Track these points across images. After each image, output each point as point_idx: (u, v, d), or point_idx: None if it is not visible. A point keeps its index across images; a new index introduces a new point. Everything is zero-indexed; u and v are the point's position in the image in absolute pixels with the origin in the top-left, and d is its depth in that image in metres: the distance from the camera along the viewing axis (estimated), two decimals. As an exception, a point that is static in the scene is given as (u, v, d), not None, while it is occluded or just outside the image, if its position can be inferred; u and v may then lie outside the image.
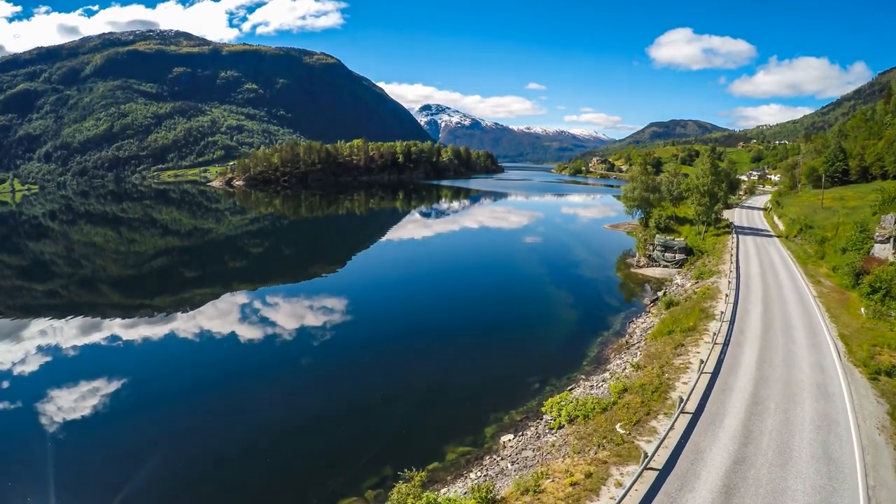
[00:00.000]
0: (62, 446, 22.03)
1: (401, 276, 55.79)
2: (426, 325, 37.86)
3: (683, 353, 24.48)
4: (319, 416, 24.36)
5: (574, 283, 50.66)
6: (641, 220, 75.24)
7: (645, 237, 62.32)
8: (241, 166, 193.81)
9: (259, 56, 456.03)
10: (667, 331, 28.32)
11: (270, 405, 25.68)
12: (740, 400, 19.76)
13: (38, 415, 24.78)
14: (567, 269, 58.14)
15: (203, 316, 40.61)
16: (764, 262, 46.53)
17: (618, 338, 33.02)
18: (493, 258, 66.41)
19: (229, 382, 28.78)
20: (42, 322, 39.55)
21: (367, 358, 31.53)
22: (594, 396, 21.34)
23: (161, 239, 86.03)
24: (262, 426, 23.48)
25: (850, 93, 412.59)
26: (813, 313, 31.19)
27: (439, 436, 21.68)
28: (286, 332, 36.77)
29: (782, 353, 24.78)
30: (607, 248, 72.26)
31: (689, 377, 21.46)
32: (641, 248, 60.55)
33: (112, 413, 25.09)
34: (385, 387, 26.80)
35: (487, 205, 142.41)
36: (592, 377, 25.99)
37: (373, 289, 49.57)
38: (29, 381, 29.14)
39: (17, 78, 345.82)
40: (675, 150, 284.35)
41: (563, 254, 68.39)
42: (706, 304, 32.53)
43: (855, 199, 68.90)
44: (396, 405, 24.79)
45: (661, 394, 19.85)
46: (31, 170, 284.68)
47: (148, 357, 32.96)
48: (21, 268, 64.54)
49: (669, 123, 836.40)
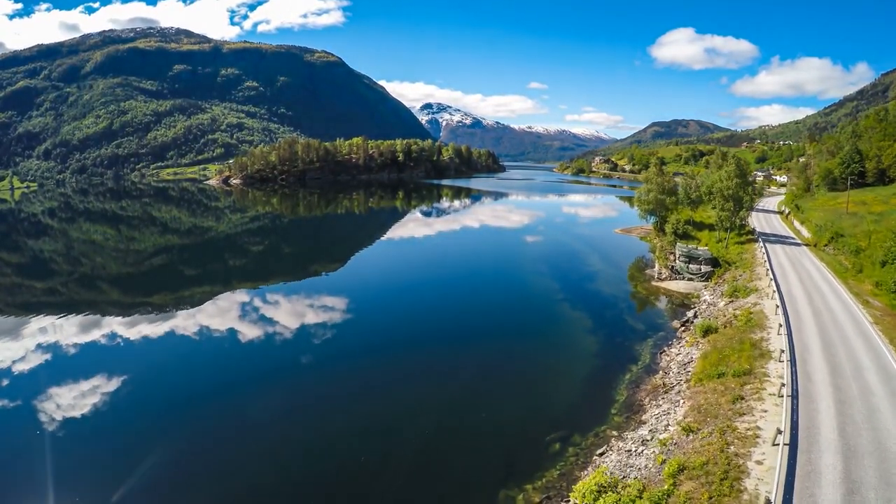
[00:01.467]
0: (61, 443, 22.01)
1: (395, 286, 51.23)
2: (419, 357, 32.32)
3: (745, 409, 19.57)
4: (317, 415, 24.70)
5: (589, 300, 45.36)
6: (656, 224, 70.59)
7: (663, 245, 57.17)
8: (238, 164, 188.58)
9: (260, 54, 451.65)
10: (715, 373, 23.44)
11: (268, 405, 25.49)
12: (832, 488, 14.93)
13: (37, 412, 24.66)
14: (580, 281, 52.67)
15: (203, 314, 40.58)
16: (804, 279, 41.51)
17: (649, 375, 28.03)
18: (496, 267, 60.88)
19: (228, 381, 28.77)
20: (41, 319, 39.33)
21: (354, 381, 28.94)
22: (637, 479, 16.43)
23: (160, 237, 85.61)
24: (260, 425, 23.41)
25: (854, 93, 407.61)
26: (878, 347, 26.44)
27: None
28: (284, 332, 36.65)
29: (863, 409, 19.97)
30: (621, 255, 66.80)
31: (762, 452, 16.58)
32: (661, 259, 55.20)
33: (111, 411, 25.02)
34: (367, 444, 21.93)
35: (489, 204, 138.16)
36: (626, 434, 21.15)
37: (363, 301, 45.75)
38: (28, 378, 28.97)
39: (18, 75, 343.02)
40: (679, 149, 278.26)
41: (573, 262, 62.84)
42: (755, 336, 27.59)
43: (878, 204, 64.55)
44: (382, 472, 20.11)
45: (731, 483, 15.00)
46: (30, 167, 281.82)
47: (147, 355, 32.85)
48: (20, 265, 63.94)
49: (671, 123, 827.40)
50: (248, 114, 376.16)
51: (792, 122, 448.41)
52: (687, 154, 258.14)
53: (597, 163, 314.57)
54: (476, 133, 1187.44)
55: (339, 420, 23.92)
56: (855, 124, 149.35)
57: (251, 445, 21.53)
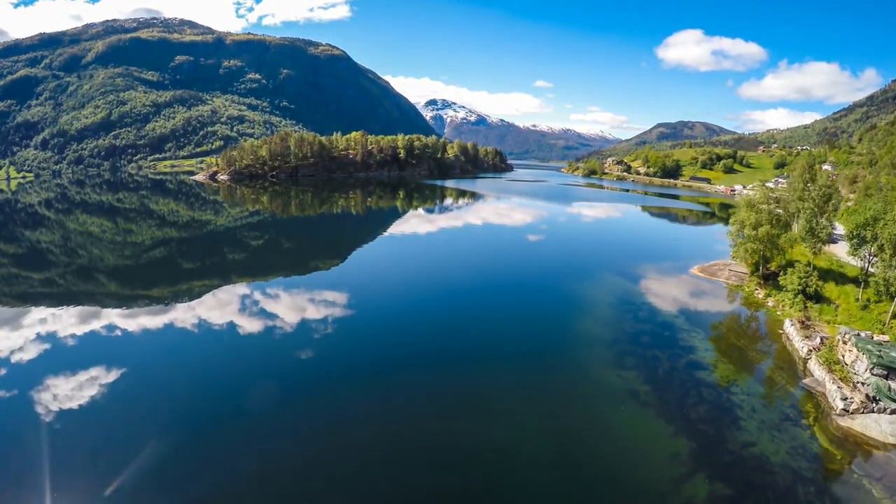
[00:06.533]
0: (57, 435, 22.02)
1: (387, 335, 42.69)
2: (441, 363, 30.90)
3: None
4: (316, 417, 24.70)
5: (747, 476, 21.75)
6: (753, 267, 51.04)
7: (835, 347, 30.79)
8: (226, 159, 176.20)
9: (263, 46, 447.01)
10: None
11: (267, 400, 25.51)
12: None
13: (34, 404, 24.68)
14: (687, 409, 26.75)
15: (202, 307, 40.53)
16: None
17: None
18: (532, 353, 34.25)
19: (226, 373, 28.98)
20: (38, 310, 39.19)
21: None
22: None
23: (158, 230, 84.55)
24: (259, 421, 23.55)
25: (863, 99, 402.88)
26: None
27: None
28: (285, 326, 36.58)
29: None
30: (727, 326, 40.49)
31: None
32: (841, 375, 28.88)
33: (108, 403, 25.09)
34: (365, 439, 23.06)
35: (504, 212, 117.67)
36: None
37: (362, 298, 44.73)
38: (24, 369, 28.90)
39: (18, 64, 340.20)
40: (694, 152, 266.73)
41: (675, 358, 33.19)
42: None
43: None
44: (381, 469, 20.88)
45: None
46: (27, 157, 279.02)
47: (144, 346, 32.79)
48: (17, 255, 63.71)
49: (677, 124, 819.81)
50: (250, 106, 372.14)
51: (801, 127, 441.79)
52: (703, 157, 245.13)
53: (609, 164, 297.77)
54: (480, 130, 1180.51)
55: (338, 416, 24.58)
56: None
57: (248, 439, 22.10)
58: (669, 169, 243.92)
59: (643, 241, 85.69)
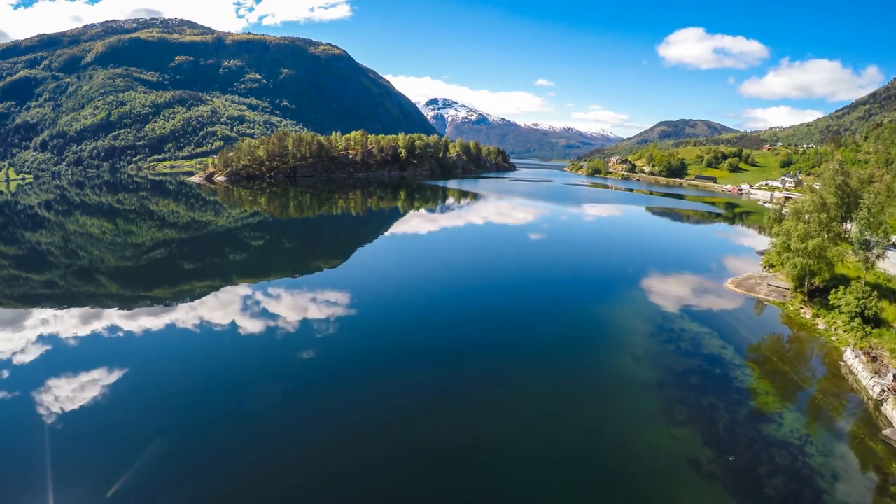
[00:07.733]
0: (59, 436, 21.97)
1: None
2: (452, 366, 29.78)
3: None
4: (318, 417, 24.48)
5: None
6: (797, 282, 45.85)
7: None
8: (223, 159, 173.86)
9: (263, 46, 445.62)
10: None
11: (269, 400, 25.36)
12: None
13: (35, 405, 24.66)
14: (761, 480, 21.24)
15: (203, 307, 40.39)
16: None
17: None
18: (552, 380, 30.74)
19: (227, 374, 28.81)
20: (39, 312, 39.05)
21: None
22: None
23: (158, 231, 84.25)
24: (261, 421, 23.48)
25: (866, 96, 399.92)
26: None
27: None
28: (287, 327, 36.27)
29: None
30: (780, 356, 34.99)
31: None
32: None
33: (110, 404, 24.99)
34: (366, 439, 22.86)
35: (509, 214, 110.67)
36: None
37: (362, 297, 44.08)
38: (26, 371, 28.84)
39: (18, 65, 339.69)
40: (699, 150, 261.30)
41: (719, 396, 28.11)
42: None
43: None
44: (381, 469, 20.63)
45: None
46: (26, 158, 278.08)
47: (145, 347, 32.67)
48: (17, 257, 63.56)
49: (678, 123, 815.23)
50: (250, 106, 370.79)
51: (803, 125, 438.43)
52: (709, 156, 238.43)
53: (613, 163, 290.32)
54: (482, 129, 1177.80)
55: (340, 416, 24.42)
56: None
57: (249, 439, 21.96)
58: (675, 168, 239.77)
59: (672, 250, 76.22)
